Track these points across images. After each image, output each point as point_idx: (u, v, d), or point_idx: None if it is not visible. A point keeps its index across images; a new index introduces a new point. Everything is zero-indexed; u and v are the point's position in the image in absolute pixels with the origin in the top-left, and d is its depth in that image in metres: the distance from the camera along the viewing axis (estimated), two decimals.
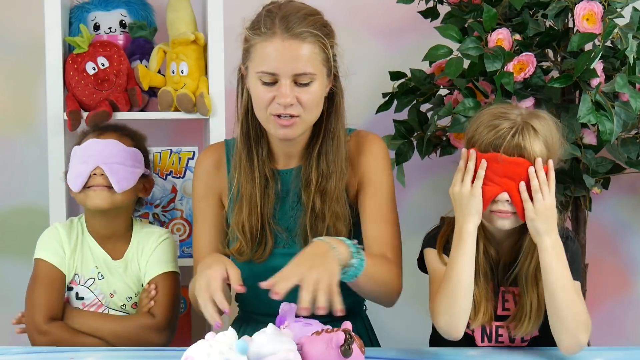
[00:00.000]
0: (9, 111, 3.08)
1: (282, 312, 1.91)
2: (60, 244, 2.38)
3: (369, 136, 2.28)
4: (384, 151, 2.27)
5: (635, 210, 3.21)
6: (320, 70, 2.11)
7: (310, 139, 2.22)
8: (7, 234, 3.08)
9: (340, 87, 2.20)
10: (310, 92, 2.10)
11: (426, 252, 2.17)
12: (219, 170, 2.28)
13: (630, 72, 2.54)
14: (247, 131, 2.21)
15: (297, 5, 2.13)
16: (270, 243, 2.21)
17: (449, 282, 2.02)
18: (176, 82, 2.74)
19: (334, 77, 2.17)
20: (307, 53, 2.08)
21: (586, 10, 2.57)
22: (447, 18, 2.80)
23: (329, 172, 2.19)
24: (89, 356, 2.11)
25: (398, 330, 2.94)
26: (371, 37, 3.13)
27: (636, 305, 3.25)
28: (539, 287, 2.07)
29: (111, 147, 2.38)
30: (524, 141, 2.01)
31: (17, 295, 2.47)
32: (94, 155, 2.36)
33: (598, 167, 2.71)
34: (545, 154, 2.03)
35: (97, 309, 2.39)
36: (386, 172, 2.25)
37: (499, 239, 2.13)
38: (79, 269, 2.39)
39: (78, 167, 2.37)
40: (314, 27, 2.09)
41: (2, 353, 2.08)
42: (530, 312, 2.08)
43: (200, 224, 2.28)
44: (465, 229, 2.02)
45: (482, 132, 2.05)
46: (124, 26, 2.88)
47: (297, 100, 2.09)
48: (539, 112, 2.11)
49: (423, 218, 2.48)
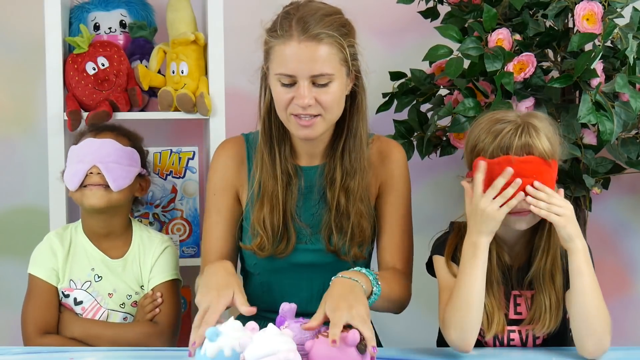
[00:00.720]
0: (9, 111, 3.08)
1: (282, 312, 1.91)
2: (52, 254, 2.41)
3: (391, 142, 2.31)
4: (406, 160, 2.31)
5: (635, 210, 3.21)
6: (339, 70, 2.12)
7: (333, 138, 2.23)
8: (7, 234, 3.07)
9: (362, 85, 2.21)
10: (330, 92, 2.11)
11: (435, 260, 2.16)
12: (240, 165, 2.28)
13: (630, 72, 2.54)
14: (270, 129, 2.22)
15: (316, 6, 2.14)
16: (293, 239, 2.22)
17: (459, 296, 2.00)
18: (176, 82, 2.74)
19: (355, 75, 2.18)
20: (324, 54, 2.09)
21: (586, 10, 2.57)
22: (447, 18, 2.80)
23: (352, 170, 2.20)
24: (89, 356, 2.11)
25: (400, 330, 2.94)
26: (371, 37, 3.13)
27: (636, 305, 3.25)
28: (555, 285, 2.08)
29: (107, 146, 2.39)
30: (531, 139, 2.01)
31: (17, 296, 2.47)
32: (91, 154, 2.38)
33: (598, 167, 2.71)
34: (551, 150, 2.03)
35: (97, 311, 2.39)
36: (408, 182, 2.29)
37: (511, 243, 2.12)
38: (74, 274, 2.40)
39: (75, 166, 2.39)
40: (331, 27, 2.10)
41: (2, 353, 2.08)
42: (550, 310, 2.08)
43: (213, 216, 2.27)
44: (479, 244, 2.01)
45: (485, 139, 2.04)
46: (124, 26, 2.88)
47: (316, 101, 2.10)
48: (535, 113, 2.12)
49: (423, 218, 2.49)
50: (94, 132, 2.45)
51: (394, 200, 2.26)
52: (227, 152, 2.30)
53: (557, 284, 2.07)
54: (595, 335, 1.99)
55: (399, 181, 2.27)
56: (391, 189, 2.26)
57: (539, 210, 1.99)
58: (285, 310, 1.90)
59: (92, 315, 2.39)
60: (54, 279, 2.40)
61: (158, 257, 2.43)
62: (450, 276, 2.09)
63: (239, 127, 2.41)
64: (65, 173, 2.42)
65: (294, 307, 1.89)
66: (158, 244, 2.44)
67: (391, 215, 2.25)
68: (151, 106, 2.82)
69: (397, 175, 2.27)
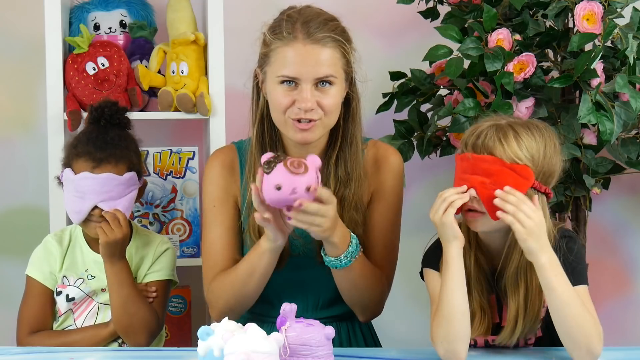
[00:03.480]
0: (9, 111, 3.08)
1: (283, 313, 1.90)
2: (50, 256, 2.41)
3: (389, 150, 2.27)
4: (402, 169, 2.27)
5: (635, 210, 3.21)
6: (340, 75, 2.12)
7: (327, 145, 2.20)
8: (7, 234, 3.08)
9: (357, 92, 2.19)
10: (331, 95, 2.10)
11: (425, 273, 2.11)
12: (233, 174, 2.24)
13: (631, 72, 2.54)
14: (262, 135, 2.19)
15: (317, 11, 2.14)
16: (286, 249, 2.16)
17: (442, 309, 1.97)
18: (176, 82, 2.74)
19: (351, 82, 2.17)
20: (328, 57, 2.08)
21: (586, 10, 2.57)
22: (447, 18, 2.80)
23: (347, 179, 2.17)
24: (89, 356, 2.11)
25: (399, 330, 2.94)
26: (371, 37, 3.13)
27: (636, 305, 3.25)
28: (519, 293, 2.02)
29: (107, 184, 2.34)
30: (494, 142, 1.95)
31: (17, 296, 2.47)
32: (91, 192, 2.33)
33: (598, 167, 2.71)
34: (525, 162, 1.96)
35: (88, 305, 2.40)
36: (399, 193, 2.26)
37: (494, 249, 2.07)
38: (69, 272, 2.41)
39: (75, 202, 2.35)
40: (335, 32, 2.10)
41: (2, 353, 2.08)
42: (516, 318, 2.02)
43: (217, 228, 2.21)
44: (449, 254, 1.97)
45: (467, 135, 2.04)
46: (124, 26, 2.88)
47: (317, 105, 2.09)
48: (532, 121, 2.05)
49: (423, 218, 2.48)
50: (91, 163, 2.34)
51: (382, 210, 2.23)
52: (221, 161, 2.25)
53: (521, 294, 2.01)
54: (581, 347, 1.93)
55: (391, 192, 2.23)
56: (381, 199, 2.23)
57: (504, 214, 1.92)
58: (286, 311, 1.90)
59: (84, 309, 2.40)
60: (49, 282, 2.41)
61: (159, 256, 2.43)
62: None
63: (239, 127, 2.40)
64: (66, 203, 2.38)
65: (294, 307, 1.89)
66: (159, 245, 2.44)
67: (378, 225, 2.22)
68: (151, 106, 2.82)
69: (389, 185, 2.23)
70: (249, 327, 1.79)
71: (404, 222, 2.28)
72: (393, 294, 2.28)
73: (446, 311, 1.96)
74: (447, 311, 1.96)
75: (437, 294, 2.04)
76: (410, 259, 2.28)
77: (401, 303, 3.03)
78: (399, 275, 2.26)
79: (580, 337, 1.94)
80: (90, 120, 2.44)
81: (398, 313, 3.03)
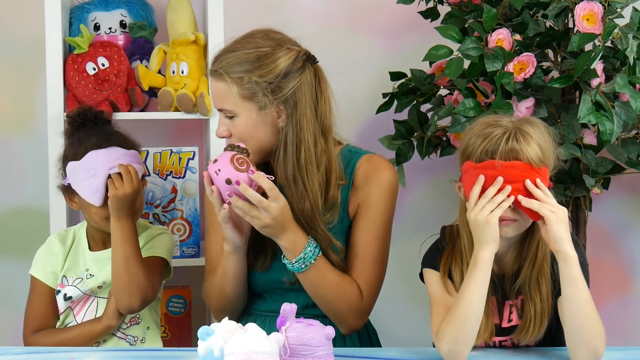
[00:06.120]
0: (9, 111, 3.08)
1: (283, 313, 1.90)
2: (53, 256, 2.42)
3: (382, 164, 2.23)
4: (393, 184, 2.23)
5: (635, 210, 3.21)
6: (241, 105, 2.11)
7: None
8: (7, 234, 3.08)
9: (296, 118, 2.12)
10: (236, 125, 2.13)
11: (425, 273, 2.11)
12: None
13: (631, 72, 2.54)
14: None
15: (239, 40, 2.15)
16: (270, 254, 2.20)
17: (457, 309, 1.96)
18: (176, 82, 2.74)
19: (290, 106, 2.11)
20: (222, 90, 2.13)
21: (586, 10, 2.57)
22: (447, 18, 2.80)
23: (303, 199, 2.14)
24: (89, 356, 2.11)
25: (400, 330, 2.94)
26: (371, 37, 3.14)
27: (636, 305, 3.26)
28: (541, 293, 2.04)
29: (114, 153, 2.36)
30: (518, 144, 1.96)
31: (17, 296, 2.48)
32: (99, 165, 2.34)
33: (598, 167, 2.71)
34: (541, 158, 1.98)
35: (86, 302, 2.41)
36: (387, 207, 2.22)
37: (501, 252, 2.05)
38: (69, 272, 2.42)
39: (89, 183, 2.35)
40: (232, 62, 2.10)
41: (2, 353, 2.08)
42: (535, 319, 2.04)
43: (213, 234, 2.28)
44: (481, 257, 1.96)
45: (475, 142, 2.01)
46: (124, 26, 2.88)
47: (231, 133, 2.15)
48: (530, 118, 2.08)
49: (423, 218, 2.50)
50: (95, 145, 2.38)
51: (364, 224, 2.20)
52: None
53: (543, 293, 2.03)
54: (589, 345, 1.94)
55: (376, 208, 2.20)
56: (365, 213, 2.20)
57: (530, 203, 1.94)
58: (286, 311, 1.90)
59: (82, 306, 2.41)
60: (51, 281, 2.42)
61: (154, 237, 2.44)
62: (443, 291, 2.05)
63: None
64: (81, 191, 2.36)
65: (294, 307, 1.89)
66: (155, 230, 2.47)
67: (359, 238, 2.20)
68: (151, 106, 2.83)
69: (375, 200, 2.20)
70: (249, 327, 1.79)
71: (403, 222, 2.28)
72: (393, 294, 2.29)
73: (462, 312, 1.96)
74: (462, 312, 1.96)
75: (438, 294, 2.04)
76: (410, 259, 2.28)
77: (401, 303, 3.03)
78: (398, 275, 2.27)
79: (590, 336, 1.94)
80: (75, 127, 2.44)
81: (398, 313, 3.03)
